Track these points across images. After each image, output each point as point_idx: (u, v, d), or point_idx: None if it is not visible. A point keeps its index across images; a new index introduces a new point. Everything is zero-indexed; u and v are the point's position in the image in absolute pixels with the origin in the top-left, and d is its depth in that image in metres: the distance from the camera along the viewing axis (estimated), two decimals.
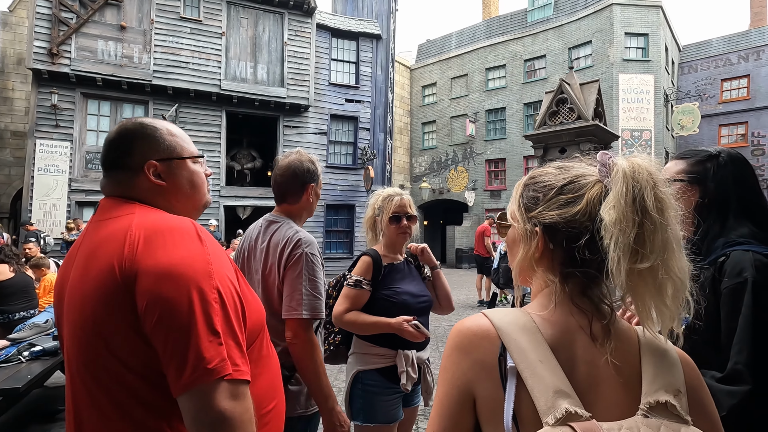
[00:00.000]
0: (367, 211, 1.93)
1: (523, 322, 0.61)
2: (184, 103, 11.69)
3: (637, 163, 0.59)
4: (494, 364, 0.59)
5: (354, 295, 1.71)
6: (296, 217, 1.61)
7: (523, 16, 20.29)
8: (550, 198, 0.65)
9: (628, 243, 0.55)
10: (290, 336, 1.41)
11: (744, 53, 17.87)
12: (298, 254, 1.44)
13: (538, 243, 0.64)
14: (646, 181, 0.57)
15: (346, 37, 14.10)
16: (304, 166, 1.57)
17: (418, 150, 22.89)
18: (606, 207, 0.57)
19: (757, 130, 17.37)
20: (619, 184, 0.57)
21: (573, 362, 0.59)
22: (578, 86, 6.45)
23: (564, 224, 0.62)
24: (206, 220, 11.15)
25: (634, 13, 16.66)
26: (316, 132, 13.49)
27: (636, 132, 16.33)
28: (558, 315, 0.62)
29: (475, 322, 0.63)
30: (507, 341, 0.59)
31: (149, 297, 0.71)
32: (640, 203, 0.56)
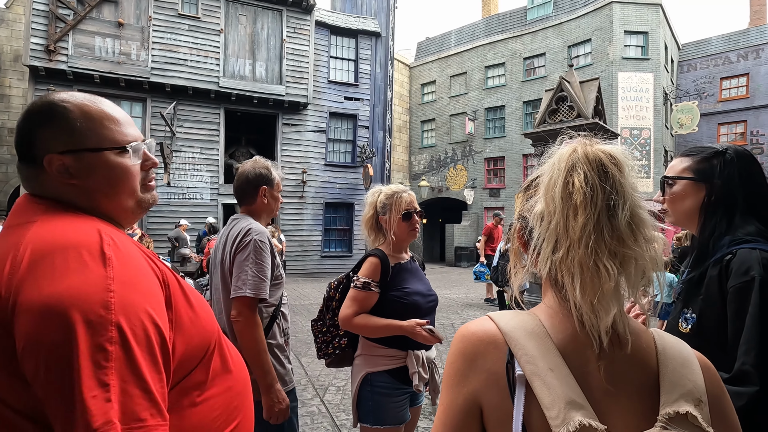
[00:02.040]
0: (366, 210, 1.86)
1: (531, 327, 0.58)
2: (183, 101, 11.64)
3: (573, 148, 0.59)
4: (501, 373, 0.56)
5: (362, 297, 1.66)
6: (256, 217, 1.74)
7: (523, 14, 20.25)
8: (524, 193, 0.70)
9: (549, 232, 0.56)
10: (234, 314, 1.50)
11: (743, 52, 17.87)
12: (248, 240, 1.57)
13: (516, 237, 0.69)
14: (565, 166, 0.57)
15: (345, 35, 14.06)
16: (255, 172, 1.73)
17: (417, 148, 22.86)
18: (537, 198, 0.60)
19: (756, 128, 17.38)
20: (547, 173, 0.60)
21: (586, 369, 0.55)
22: (578, 84, 6.42)
23: (524, 218, 0.67)
24: (204, 218, 11.12)
25: (634, 11, 16.63)
26: (315, 130, 13.45)
27: (635, 130, 16.32)
28: (560, 316, 0.59)
29: (481, 326, 0.60)
30: (514, 347, 0.56)
31: (26, 340, 0.57)
32: (554, 190, 0.57)
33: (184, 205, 11.63)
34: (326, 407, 3.51)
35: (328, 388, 3.94)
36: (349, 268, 7.48)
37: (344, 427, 3.16)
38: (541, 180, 0.59)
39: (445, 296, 9.28)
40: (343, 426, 3.18)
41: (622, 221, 0.54)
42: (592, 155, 0.57)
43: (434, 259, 21.32)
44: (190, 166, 11.76)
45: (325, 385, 4.01)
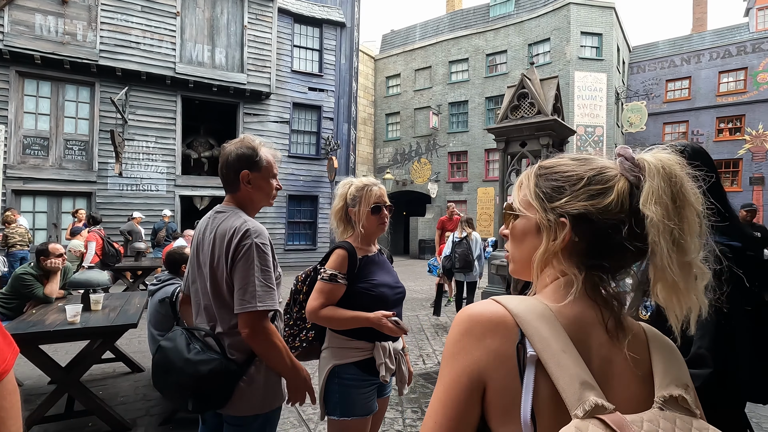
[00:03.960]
0: (335, 201, 1.83)
1: (541, 310, 0.58)
2: (135, 87, 11.00)
3: (666, 158, 0.59)
4: (511, 353, 0.56)
5: (329, 289, 1.65)
6: (245, 208, 1.53)
7: (486, 11, 20.62)
8: (578, 188, 0.62)
9: (675, 237, 0.56)
10: (248, 332, 1.36)
11: (686, 56, 19.09)
12: (248, 245, 1.38)
13: (566, 234, 0.61)
14: (680, 176, 0.58)
15: (310, 24, 13.76)
16: (236, 153, 1.49)
17: (381, 141, 22.86)
18: (647, 202, 0.57)
19: (696, 128, 18.68)
20: (656, 179, 0.57)
21: (588, 356, 0.57)
22: (539, 82, 6.63)
23: (597, 215, 0.60)
24: (159, 210, 10.62)
25: (590, 13, 17.34)
26: (278, 120, 13.13)
27: (589, 128, 17.11)
28: (574, 308, 0.60)
29: (489, 307, 0.60)
30: (527, 328, 0.56)
31: None
32: (680, 198, 0.57)
33: (138, 197, 11.05)
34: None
35: None
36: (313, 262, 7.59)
37: (311, 422, 3.14)
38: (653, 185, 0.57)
39: (410, 288, 9.39)
40: (310, 420, 3.17)
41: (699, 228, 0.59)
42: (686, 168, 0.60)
43: (398, 252, 21.50)
44: (144, 156, 11.16)
45: None
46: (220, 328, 1.46)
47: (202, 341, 1.45)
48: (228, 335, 1.45)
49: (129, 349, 4.71)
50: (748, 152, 17.47)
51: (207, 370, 1.35)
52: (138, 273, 7.69)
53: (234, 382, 1.41)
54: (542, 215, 0.64)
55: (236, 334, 1.42)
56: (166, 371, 1.41)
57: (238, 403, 1.42)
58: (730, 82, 18.18)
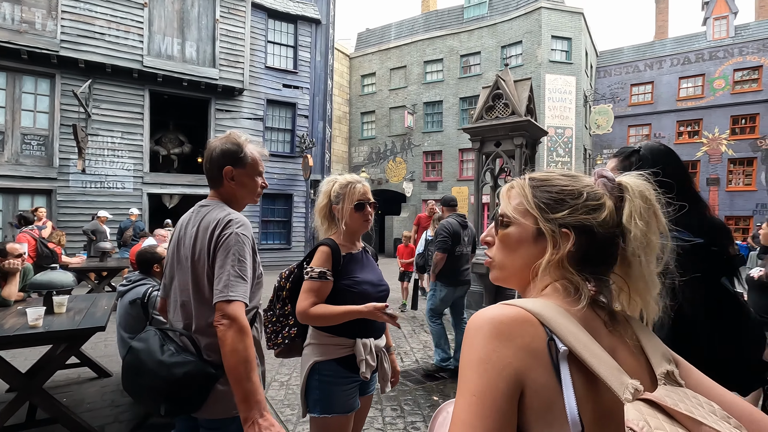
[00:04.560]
0: (319, 198, 1.81)
1: (557, 309, 0.60)
2: (100, 79, 10.52)
3: (641, 183, 0.66)
4: (543, 349, 0.55)
5: (318, 287, 1.64)
6: (231, 203, 1.50)
7: (460, 13, 20.88)
8: (578, 202, 0.66)
9: (654, 250, 0.64)
10: (216, 318, 1.27)
11: (649, 62, 19.95)
12: (228, 233, 1.35)
13: (570, 244, 0.64)
14: (654, 199, 0.66)
15: (284, 19, 13.55)
16: (221, 148, 1.46)
17: (357, 140, 22.79)
18: (631, 219, 0.63)
19: (658, 131, 19.56)
20: (638, 200, 0.64)
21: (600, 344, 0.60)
22: (513, 83, 6.76)
23: (598, 227, 0.64)
24: (126, 209, 10.22)
25: (560, 17, 17.85)
26: (252, 117, 12.87)
27: (559, 129, 17.62)
28: (574, 305, 0.63)
29: (507, 309, 0.59)
30: (554, 325, 0.57)
31: None
32: (656, 217, 0.65)
33: (102, 195, 10.58)
34: (269, 403, 3.41)
35: (272, 384, 3.83)
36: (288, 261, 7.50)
37: (289, 422, 3.10)
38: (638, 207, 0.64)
39: None
40: (288, 421, 3.12)
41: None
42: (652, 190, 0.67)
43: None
44: (109, 152, 10.69)
45: (267, 381, 3.90)
46: (198, 326, 1.40)
47: (176, 342, 1.38)
48: (206, 334, 1.39)
49: (95, 354, 4.51)
50: (706, 154, 18.43)
51: (182, 373, 1.29)
52: (103, 274, 7.36)
53: (211, 384, 1.35)
54: (545, 225, 0.67)
55: (214, 333, 1.34)
56: (138, 374, 1.34)
57: (214, 405, 1.36)
58: (689, 88, 19.13)
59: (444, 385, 3.87)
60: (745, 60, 17.91)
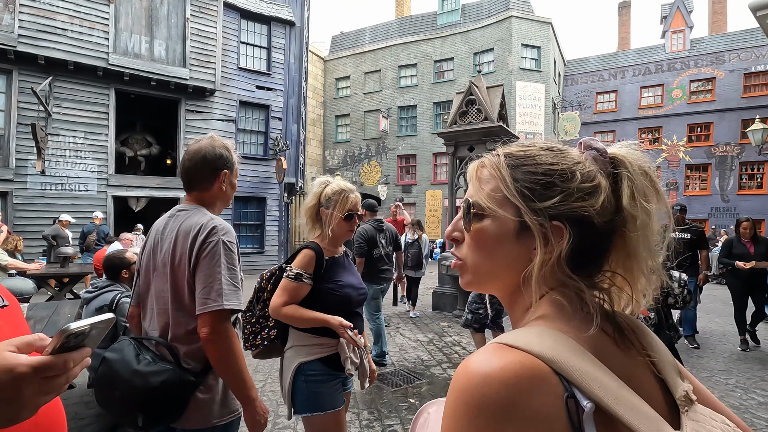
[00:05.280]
0: (308, 199, 1.82)
1: (568, 343, 0.45)
2: (61, 77, 10.06)
3: (638, 156, 0.53)
4: (558, 415, 0.40)
5: (293, 288, 1.67)
6: (209, 207, 1.49)
7: (434, 19, 21.19)
8: (571, 185, 0.51)
9: (655, 237, 0.50)
10: (207, 331, 1.27)
11: (613, 71, 20.84)
12: (214, 241, 1.32)
13: (564, 241, 0.50)
14: (655, 174, 0.52)
15: (257, 20, 13.37)
16: (216, 152, 1.46)
17: (331, 143, 22.70)
18: (635, 202, 0.50)
19: (621, 138, 20.21)
20: (639, 177, 0.51)
21: (616, 374, 0.46)
22: (485, 89, 6.92)
23: (597, 217, 0.50)
24: (89, 212, 9.79)
25: (530, 26, 18.41)
26: (224, 119, 12.61)
27: (529, 135, 18.12)
28: (579, 325, 0.48)
29: (509, 357, 0.43)
30: (574, 374, 0.42)
31: None
32: (657, 196, 0.51)
33: (64, 198, 10.10)
34: None
35: None
36: (261, 265, 7.47)
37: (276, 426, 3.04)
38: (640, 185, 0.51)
39: None
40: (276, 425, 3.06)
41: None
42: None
43: None
44: (71, 153, 10.22)
45: None
46: (176, 334, 1.36)
47: (152, 351, 1.35)
48: (184, 342, 1.36)
49: None
50: (665, 160, 19.39)
51: (159, 382, 1.26)
52: (64, 281, 7.01)
53: (189, 393, 1.32)
54: (531, 217, 0.51)
55: (194, 340, 1.33)
56: (112, 385, 1.29)
57: (193, 414, 1.33)
58: (649, 97, 20.10)
59: (420, 387, 3.90)
60: (700, 72, 18.99)
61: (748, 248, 5.20)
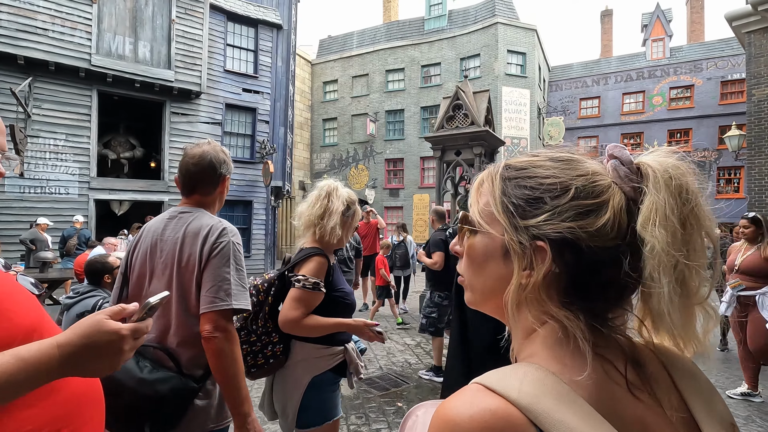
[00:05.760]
0: (337, 203, 1.74)
1: (554, 387, 0.41)
2: (41, 78, 9.83)
3: (674, 165, 0.44)
4: None
5: (310, 298, 1.59)
6: (209, 209, 1.50)
7: (421, 24, 21.37)
8: (563, 202, 0.46)
9: (681, 273, 0.41)
10: (209, 329, 1.25)
11: (596, 78, 21.28)
12: (224, 242, 1.34)
13: (547, 265, 0.45)
14: (694, 191, 0.43)
15: (244, 23, 13.29)
16: (220, 157, 1.48)
17: (318, 146, 22.65)
18: (647, 222, 0.42)
19: (604, 143, 20.84)
20: (663, 193, 0.42)
21: (624, 425, 0.41)
22: (472, 94, 7.00)
23: (588, 240, 0.44)
24: (70, 216, 9.57)
25: (515, 33, 18.70)
26: (210, 121, 12.47)
27: (515, 139, 18.36)
28: (580, 364, 0.43)
29: (481, 405, 0.39)
30: (549, 427, 0.38)
31: None
32: (692, 221, 0.42)
33: (43, 201, 9.85)
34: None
35: None
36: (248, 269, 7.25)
37: None
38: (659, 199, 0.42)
39: None
40: None
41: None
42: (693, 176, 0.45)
43: None
44: (51, 155, 9.99)
45: None
46: (182, 338, 1.33)
47: (149, 357, 1.32)
48: (190, 346, 1.33)
49: None
50: None
51: (167, 389, 1.24)
52: (44, 286, 6.84)
53: (192, 399, 1.31)
54: (511, 235, 0.47)
55: (198, 345, 1.30)
56: (116, 395, 1.25)
57: (192, 421, 1.32)
58: (631, 103, 20.57)
59: (408, 391, 3.90)
60: (679, 79, 19.51)
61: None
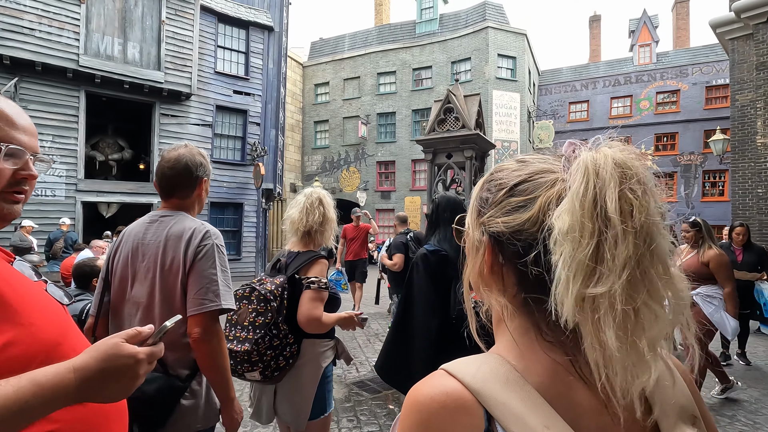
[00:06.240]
0: (332, 212, 2.00)
1: (505, 374, 0.45)
2: (28, 78, 9.69)
3: (605, 154, 0.44)
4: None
5: (324, 297, 1.75)
6: (189, 212, 1.51)
7: (412, 28, 21.47)
8: (499, 200, 0.50)
9: (582, 259, 0.40)
10: (200, 331, 1.28)
11: (585, 82, 21.57)
12: (208, 245, 1.36)
13: (485, 256, 0.50)
14: (611, 177, 0.42)
15: (235, 25, 13.25)
16: (196, 160, 1.48)
17: (310, 149, 22.60)
18: (558, 212, 0.42)
19: None
20: (578, 182, 0.42)
21: (576, 415, 0.43)
22: (463, 98, 7.06)
23: (509, 235, 0.47)
24: (57, 219, 9.42)
25: (505, 37, 18.88)
26: (200, 123, 12.39)
27: (506, 143, 18.52)
28: (537, 354, 0.46)
29: (439, 387, 0.45)
30: (492, 407, 0.42)
31: None
32: (600, 206, 0.41)
33: (29, 203, 9.63)
34: None
35: None
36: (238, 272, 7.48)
37: None
38: (572, 191, 0.42)
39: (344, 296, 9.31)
40: None
41: (661, 253, 0.42)
42: (635, 168, 0.44)
43: None
44: None
45: None
46: (168, 340, 1.35)
47: None
48: (175, 348, 1.33)
49: None
50: None
51: (154, 390, 1.25)
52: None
53: (178, 400, 1.33)
54: (471, 231, 0.53)
55: (184, 346, 1.33)
56: None
57: (179, 422, 1.33)
58: (619, 107, 20.88)
59: (399, 394, 3.90)
60: (665, 84, 19.86)
61: (737, 256, 4.79)
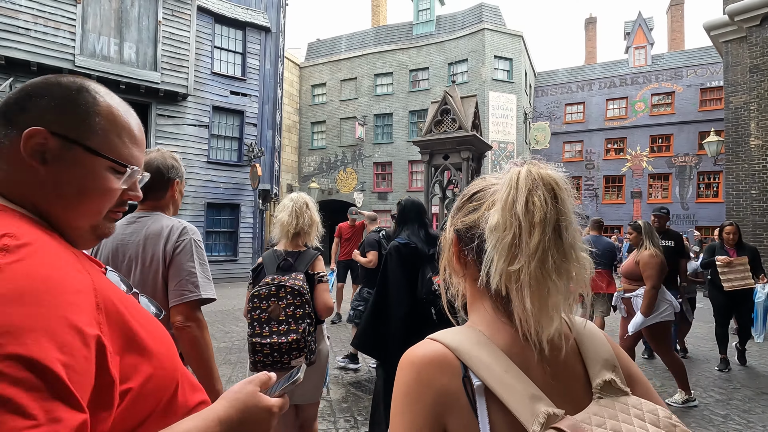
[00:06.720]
0: (316, 214, 2.18)
1: (476, 338, 0.59)
2: (23, 78, 9.64)
3: (527, 169, 0.59)
4: (460, 388, 0.55)
5: (328, 288, 2.06)
6: (165, 212, 1.60)
7: (409, 29, 21.51)
8: (462, 206, 0.68)
9: (504, 245, 0.56)
10: (181, 320, 1.35)
11: (581, 84, 21.68)
12: (186, 239, 1.45)
13: (452, 248, 0.67)
14: (524, 185, 0.57)
15: (232, 26, 13.24)
16: (168, 163, 1.57)
17: (307, 149, 22.58)
18: (491, 212, 0.59)
19: (589, 147, 21.22)
20: (503, 190, 0.58)
21: (528, 368, 0.57)
22: (459, 99, 7.07)
23: (464, 231, 0.65)
24: None
25: (502, 39, 18.95)
26: (196, 124, 12.36)
27: (502, 144, 18.57)
28: (498, 324, 0.61)
29: (428, 348, 0.59)
30: (468, 359, 0.56)
31: None
32: (514, 207, 0.56)
33: None
34: None
35: None
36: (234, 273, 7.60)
37: None
38: (499, 197, 0.59)
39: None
40: None
41: (567, 241, 0.57)
42: (546, 178, 0.58)
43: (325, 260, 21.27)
44: None
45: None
46: None
47: None
48: None
49: None
50: (630, 170, 20.24)
51: None
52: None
53: None
54: (447, 230, 0.70)
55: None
56: None
57: None
58: (614, 109, 20.99)
59: None
60: (660, 86, 20.00)
61: (730, 255, 4.87)
